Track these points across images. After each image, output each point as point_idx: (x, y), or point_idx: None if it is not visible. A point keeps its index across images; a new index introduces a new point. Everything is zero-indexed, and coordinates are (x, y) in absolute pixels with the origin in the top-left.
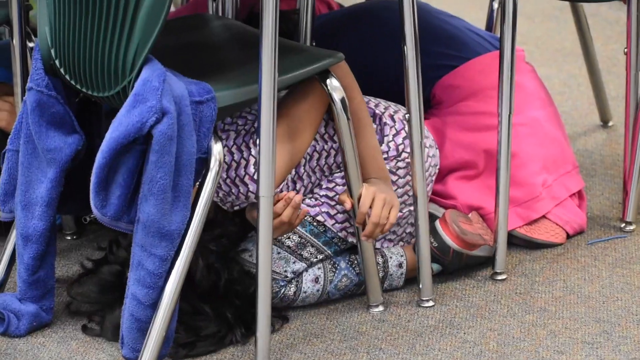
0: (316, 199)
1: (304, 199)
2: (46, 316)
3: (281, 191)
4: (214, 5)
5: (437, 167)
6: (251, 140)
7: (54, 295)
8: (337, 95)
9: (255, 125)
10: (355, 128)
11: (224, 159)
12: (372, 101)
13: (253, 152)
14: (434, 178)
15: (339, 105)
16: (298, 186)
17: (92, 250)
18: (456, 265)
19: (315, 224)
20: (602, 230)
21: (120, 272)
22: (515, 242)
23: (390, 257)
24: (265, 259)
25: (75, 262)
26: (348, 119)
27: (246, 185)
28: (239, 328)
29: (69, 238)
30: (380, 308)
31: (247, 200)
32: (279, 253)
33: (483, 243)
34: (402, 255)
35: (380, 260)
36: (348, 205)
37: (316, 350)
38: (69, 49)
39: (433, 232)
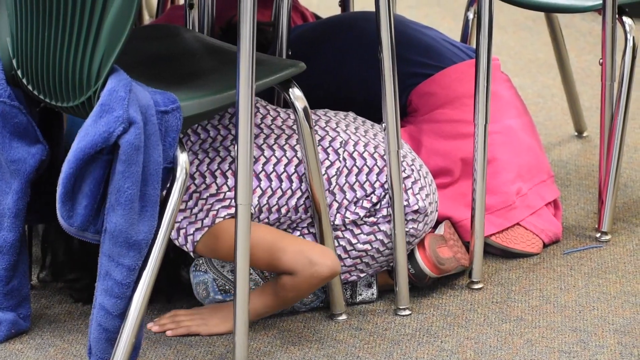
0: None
1: None
2: (24, 323)
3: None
4: (190, 17)
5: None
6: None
7: (30, 303)
8: (300, 104)
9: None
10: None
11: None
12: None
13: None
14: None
15: (301, 114)
16: (281, 218)
17: None
18: (429, 284)
19: None
20: (578, 240)
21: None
22: (492, 251)
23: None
24: (243, 268)
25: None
26: (311, 127)
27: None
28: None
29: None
30: (344, 317)
31: None
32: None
33: (457, 265)
34: (372, 275)
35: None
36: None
37: (294, 357)
38: (32, 60)
39: (410, 258)
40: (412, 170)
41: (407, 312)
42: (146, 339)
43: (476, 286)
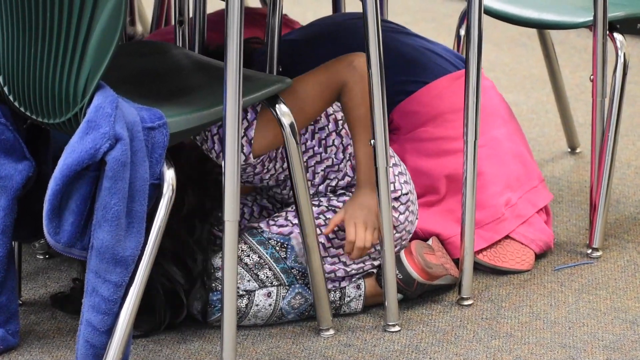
0: (292, 224)
1: (276, 216)
2: (13, 340)
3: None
4: (179, 34)
5: (415, 203)
6: None
7: (19, 319)
8: (286, 120)
9: None
10: (352, 128)
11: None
12: None
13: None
14: (415, 214)
15: (287, 130)
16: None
17: (59, 274)
18: (417, 294)
19: (277, 248)
20: (569, 256)
21: None
22: (482, 268)
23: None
24: (231, 283)
25: (41, 285)
26: (297, 143)
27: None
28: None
29: (41, 257)
30: (331, 332)
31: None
32: None
33: (446, 274)
34: (359, 278)
35: (337, 283)
36: (326, 230)
37: None
38: (19, 76)
39: (398, 263)
40: (394, 154)
41: (396, 328)
42: (133, 354)
43: (466, 302)
